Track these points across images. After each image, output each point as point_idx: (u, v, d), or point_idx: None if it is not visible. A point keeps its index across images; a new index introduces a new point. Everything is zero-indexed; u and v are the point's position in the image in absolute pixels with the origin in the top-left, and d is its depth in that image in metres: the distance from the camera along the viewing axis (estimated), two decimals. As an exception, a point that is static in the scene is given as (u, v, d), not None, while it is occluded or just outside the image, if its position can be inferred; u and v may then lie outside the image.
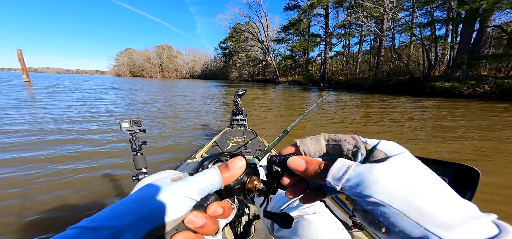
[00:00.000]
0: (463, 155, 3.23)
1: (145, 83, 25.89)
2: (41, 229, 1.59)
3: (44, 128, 4.19)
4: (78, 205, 1.87)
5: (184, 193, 0.23)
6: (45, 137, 3.64)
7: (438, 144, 3.76)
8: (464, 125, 5.12)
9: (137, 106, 7.95)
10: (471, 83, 11.02)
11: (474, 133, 4.36)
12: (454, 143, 3.75)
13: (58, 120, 4.89)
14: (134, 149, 1.12)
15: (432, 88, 13.80)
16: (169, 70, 75.07)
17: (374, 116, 6.58)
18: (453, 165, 0.32)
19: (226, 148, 1.72)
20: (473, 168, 0.31)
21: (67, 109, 6.49)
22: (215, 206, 0.25)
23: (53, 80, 29.64)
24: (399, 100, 10.44)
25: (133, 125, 1.08)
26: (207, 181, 0.24)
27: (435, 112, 7.24)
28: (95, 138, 3.71)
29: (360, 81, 21.31)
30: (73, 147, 3.20)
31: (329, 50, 28.16)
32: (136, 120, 1.08)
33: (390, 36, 18.93)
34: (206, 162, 0.30)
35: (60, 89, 13.99)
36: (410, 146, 3.41)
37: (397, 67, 18.62)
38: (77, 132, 4.02)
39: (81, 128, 4.31)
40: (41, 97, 9.03)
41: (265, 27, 36.68)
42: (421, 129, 4.83)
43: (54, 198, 1.95)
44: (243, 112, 2.63)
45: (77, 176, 2.32)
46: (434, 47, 14.52)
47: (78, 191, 2.06)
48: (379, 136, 2.85)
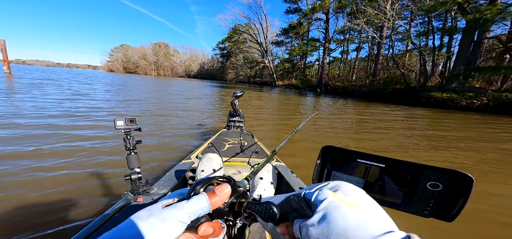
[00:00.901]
0: (462, 166, 3.04)
1: (134, 80, 25.16)
2: (20, 229, 1.44)
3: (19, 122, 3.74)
4: (60, 203, 1.72)
5: (175, 217, 0.25)
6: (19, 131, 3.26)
7: (441, 152, 3.60)
8: (463, 136, 4.97)
9: (128, 102, 7.44)
10: (469, 95, 10.93)
11: (476, 144, 4.23)
12: (455, 153, 3.60)
13: (36, 115, 4.42)
14: (128, 148, 1.05)
15: (428, 98, 13.76)
16: (164, 68, 74.01)
17: (369, 123, 6.31)
18: (448, 172, 0.35)
19: (222, 149, 1.70)
20: (467, 175, 0.33)
21: (50, 103, 5.98)
22: (206, 227, 0.28)
23: (40, 73, 28.54)
24: (396, 109, 10.36)
25: (128, 124, 1.03)
26: (197, 206, 0.27)
27: (437, 123, 7.04)
28: (76, 133, 3.37)
29: (356, 88, 21.27)
30: (52, 142, 2.93)
31: (327, 56, 28.18)
32: (132, 119, 1.04)
33: (388, 44, 19.02)
34: (198, 186, 0.32)
35: (44, 82, 13.25)
36: (412, 154, 3.07)
37: (394, 76, 18.64)
38: (57, 127, 3.63)
39: (63, 124, 3.92)
40: (20, 90, 8.43)
41: (264, 29, 36.57)
42: (422, 138, 4.56)
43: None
44: (240, 114, 2.61)
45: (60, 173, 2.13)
46: (432, 57, 14.54)
47: (66, 192, 1.87)
48: (375, 144, 3.11)
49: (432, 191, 0.37)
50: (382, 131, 5.18)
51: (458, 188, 0.34)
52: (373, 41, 22.14)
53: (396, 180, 0.41)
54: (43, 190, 1.85)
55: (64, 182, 1.99)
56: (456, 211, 0.34)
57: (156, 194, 1.05)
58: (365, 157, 0.45)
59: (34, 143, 2.81)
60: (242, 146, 1.79)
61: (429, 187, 0.38)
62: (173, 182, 1.20)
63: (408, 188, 0.40)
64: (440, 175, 0.36)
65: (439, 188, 0.36)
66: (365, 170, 0.45)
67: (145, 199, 0.99)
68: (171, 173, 1.31)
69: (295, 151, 3.28)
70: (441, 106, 11.97)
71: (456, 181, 0.35)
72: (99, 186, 1.99)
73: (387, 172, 0.42)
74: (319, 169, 0.51)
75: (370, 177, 0.45)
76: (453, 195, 0.35)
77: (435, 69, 14.99)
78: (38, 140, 2.93)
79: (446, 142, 4.28)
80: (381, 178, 0.43)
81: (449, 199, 0.36)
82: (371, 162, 0.44)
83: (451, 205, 0.35)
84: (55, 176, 2.08)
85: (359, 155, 0.45)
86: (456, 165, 3.11)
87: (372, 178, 0.44)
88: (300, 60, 35.68)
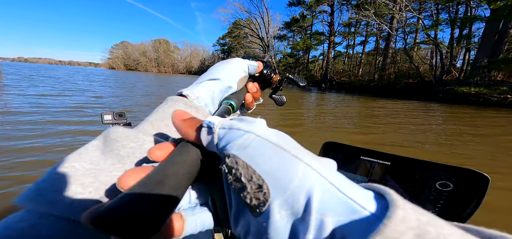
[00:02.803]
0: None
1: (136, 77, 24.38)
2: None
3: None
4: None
5: (241, 65, 0.39)
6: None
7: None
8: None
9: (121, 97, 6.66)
10: (503, 90, 9.74)
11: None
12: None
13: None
14: None
15: (445, 93, 12.83)
16: (165, 65, 73.16)
17: (401, 125, 5.39)
18: (460, 171, 0.34)
19: None
20: (483, 175, 0.31)
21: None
22: (251, 85, 0.41)
23: (35, 70, 27.86)
24: (412, 104, 9.43)
25: (117, 118, 0.99)
26: (253, 63, 0.41)
27: (472, 120, 6.10)
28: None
29: (365, 83, 20.25)
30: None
31: (332, 50, 27.05)
32: (121, 113, 0.99)
33: (401, 36, 17.90)
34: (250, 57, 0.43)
35: (34, 81, 12.53)
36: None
37: (406, 69, 17.57)
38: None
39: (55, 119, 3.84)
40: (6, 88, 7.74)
41: (266, 23, 35.42)
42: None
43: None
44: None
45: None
46: (450, 49, 13.46)
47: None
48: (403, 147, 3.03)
49: (442, 191, 0.35)
50: (418, 130, 4.28)
51: (471, 188, 0.33)
52: (380, 34, 21.00)
53: (402, 179, 0.40)
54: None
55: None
56: (469, 212, 0.32)
57: None
58: (369, 154, 0.43)
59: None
60: None
61: (439, 187, 0.36)
62: None
63: (415, 188, 0.38)
64: (451, 174, 0.35)
65: (450, 188, 0.35)
66: (368, 168, 0.43)
67: None
68: None
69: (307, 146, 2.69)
70: (460, 101, 11.06)
71: (469, 180, 0.33)
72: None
73: (392, 170, 0.40)
74: None
75: (373, 176, 0.43)
76: (465, 195, 0.33)
77: (454, 62, 13.91)
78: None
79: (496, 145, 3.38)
80: (385, 176, 0.41)
81: (460, 200, 0.34)
82: (375, 160, 0.42)
83: (463, 206, 0.33)
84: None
85: (363, 152, 0.43)
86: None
87: (376, 176, 0.43)
88: (304, 55, 34.57)
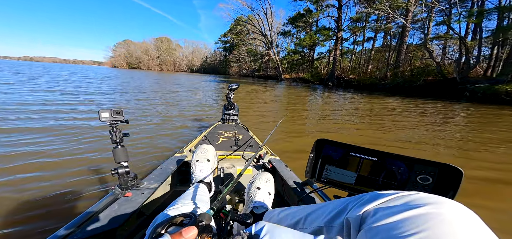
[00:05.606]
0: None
1: (139, 76, 23.32)
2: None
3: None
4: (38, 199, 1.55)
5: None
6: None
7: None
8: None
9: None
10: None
11: None
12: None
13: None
14: (114, 141, 0.97)
15: (473, 91, 11.52)
16: (167, 63, 72.28)
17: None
18: (438, 165, 0.36)
19: (216, 143, 1.60)
20: (457, 168, 0.34)
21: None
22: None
23: (33, 69, 26.97)
24: (438, 104, 8.16)
25: (114, 115, 0.95)
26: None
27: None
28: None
29: (376, 81, 18.82)
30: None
31: (340, 46, 25.55)
32: (118, 110, 0.95)
33: (418, 31, 16.37)
34: (158, 228, 0.33)
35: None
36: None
37: (425, 66, 16.10)
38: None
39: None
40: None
41: (269, 19, 34.01)
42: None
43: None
44: (235, 107, 2.49)
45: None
46: (478, 43, 11.99)
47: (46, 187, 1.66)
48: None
49: (423, 184, 0.38)
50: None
51: (448, 182, 0.35)
52: (390, 29, 19.46)
53: (388, 174, 0.41)
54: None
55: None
56: None
57: (146, 189, 0.97)
58: (358, 151, 0.44)
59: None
60: (237, 139, 1.69)
61: (420, 181, 0.38)
62: (165, 176, 1.12)
63: (399, 182, 0.40)
64: (431, 169, 0.37)
65: (429, 181, 0.37)
66: (357, 164, 0.44)
67: (135, 194, 0.91)
68: (162, 166, 1.22)
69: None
70: (491, 101, 10.14)
71: (446, 174, 0.35)
72: (82, 182, 1.79)
73: (379, 165, 0.42)
74: (312, 163, 0.51)
75: (362, 171, 0.44)
76: (443, 187, 0.35)
77: (482, 57, 12.44)
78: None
79: None
80: (373, 171, 0.43)
81: (439, 192, 0.35)
82: (363, 156, 0.44)
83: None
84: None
85: (352, 148, 0.45)
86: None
87: (364, 172, 0.44)
88: (309, 52, 33.07)
